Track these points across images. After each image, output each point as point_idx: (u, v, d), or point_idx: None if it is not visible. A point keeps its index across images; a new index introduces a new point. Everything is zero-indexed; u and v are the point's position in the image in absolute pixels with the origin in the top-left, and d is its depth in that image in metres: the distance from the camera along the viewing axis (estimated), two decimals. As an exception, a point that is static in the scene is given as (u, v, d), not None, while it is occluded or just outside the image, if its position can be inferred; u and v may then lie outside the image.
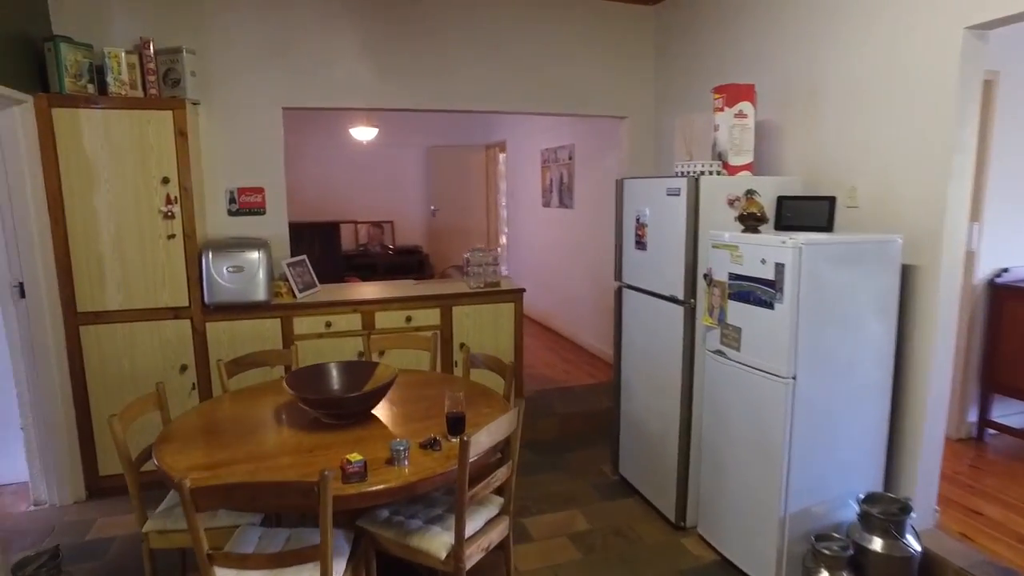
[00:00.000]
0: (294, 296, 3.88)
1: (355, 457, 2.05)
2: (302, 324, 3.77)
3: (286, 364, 3.19)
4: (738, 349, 2.68)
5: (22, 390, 3.47)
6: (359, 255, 9.11)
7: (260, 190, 4.01)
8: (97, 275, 3.44)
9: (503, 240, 9.47)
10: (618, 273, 3.60)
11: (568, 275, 6.90)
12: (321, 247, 8.59)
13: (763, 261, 2.51)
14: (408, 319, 3.94)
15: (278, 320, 3.73)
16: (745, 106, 3.16)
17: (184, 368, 3.63)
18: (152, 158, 3.42)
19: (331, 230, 8.41)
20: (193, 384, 3.64)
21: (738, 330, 2.67)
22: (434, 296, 4.00)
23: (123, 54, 3.43)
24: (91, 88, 3.41)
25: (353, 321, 3.85)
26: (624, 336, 3.60)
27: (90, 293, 3.45)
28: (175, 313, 3.58)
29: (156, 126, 3.41)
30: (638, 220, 3.32)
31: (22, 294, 3.37)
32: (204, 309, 3.60)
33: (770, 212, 2.99)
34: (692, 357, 3.04)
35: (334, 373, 2.73)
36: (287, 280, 3.90)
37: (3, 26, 3.10)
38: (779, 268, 2.42)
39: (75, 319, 3.46)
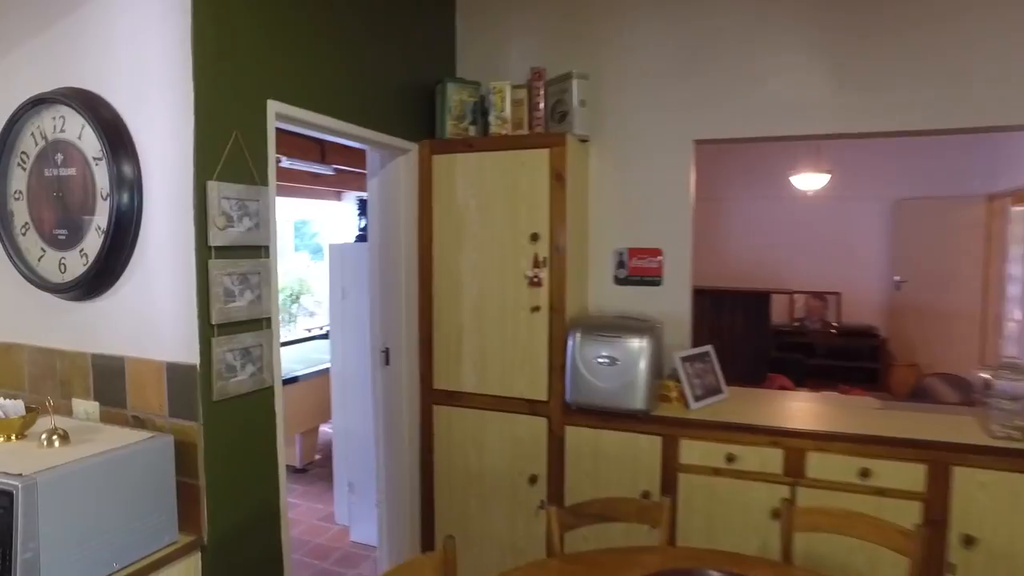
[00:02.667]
0: (686, 405, 2.71)
1: None
2: (692, 450, 2.56)
3: (655, 523, 2.04)
4: None
5: (380, 463, 3.13)
6: (792, 331, 7.46)
7: (656, 252, 2.99)
8: (455, 348, 2.89)
9: (1008, 329, 6.56)
10: None
11: None
12: (746, 320, 7.23)
13: None
14: (864, 473, 2.35)
15: (658, 439, 2.60)
16: None
17: (534, 480, 2.79)
18: (522, 209, 2.73)
19: (760, 300, 7.00)
20: (541, 503, 2.78)
21: None
22: (917, 443, 2.32)
23: (508, 88, 2.85)
24: (472, 130, 2.92)
25: (770, 459, 2.46)
26: None
27: (446, 368, 2.92)
28: (531, 407, 2.78)
29: (530, 169, 2.70)
30: None
31: (387, 361, 3.03)
32: (565, 408, 2.72)
33: None
34: None
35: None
36: (679, 381, 2.75)
37: (404, 74, 2.81)
38: None
39: (429, 396, 2.96)
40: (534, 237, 2.70)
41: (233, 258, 1.84)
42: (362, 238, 3.61)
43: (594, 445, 2.69)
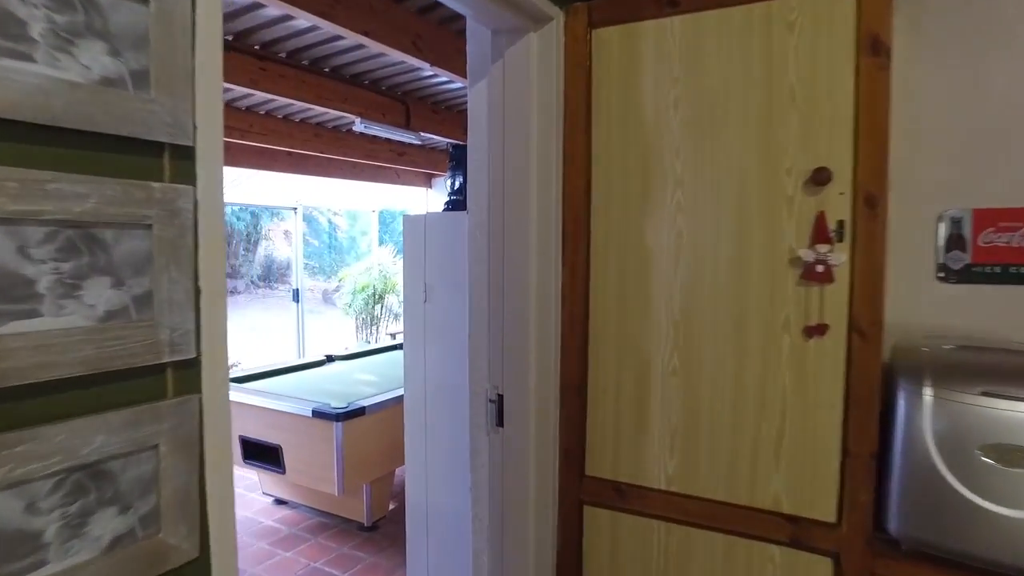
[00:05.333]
0: None
1: None
2: None
3: None
4: None
5: (483, 587, 1.79)
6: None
7: (1040, 217, 1.49)
8: (631, 403, 1.50)
9: None
10: None
11: None
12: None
13: None
14: None
15: None
16: None
17: None
18: (791, 120, 1.30)
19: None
20: None
21: None
22: None
23: None
24: (669, -20, 1.53)
25: None
26: None
27: (614, 440, 1.54)
28: (796, 533, 1.35)
29: (807, 36, 1.27)
30: None
31: (500, 419, 1.69)
32: (876, 543, 1.27)
33: None
34: None
35: None
36: None
37: None
38: None
39: (579, 488, 1.59)
40: (819, 178, 1.27)
41: (26, 165, 0.53)
42: (456, 205, 2.27)
43: (947, 629, 1.24)
